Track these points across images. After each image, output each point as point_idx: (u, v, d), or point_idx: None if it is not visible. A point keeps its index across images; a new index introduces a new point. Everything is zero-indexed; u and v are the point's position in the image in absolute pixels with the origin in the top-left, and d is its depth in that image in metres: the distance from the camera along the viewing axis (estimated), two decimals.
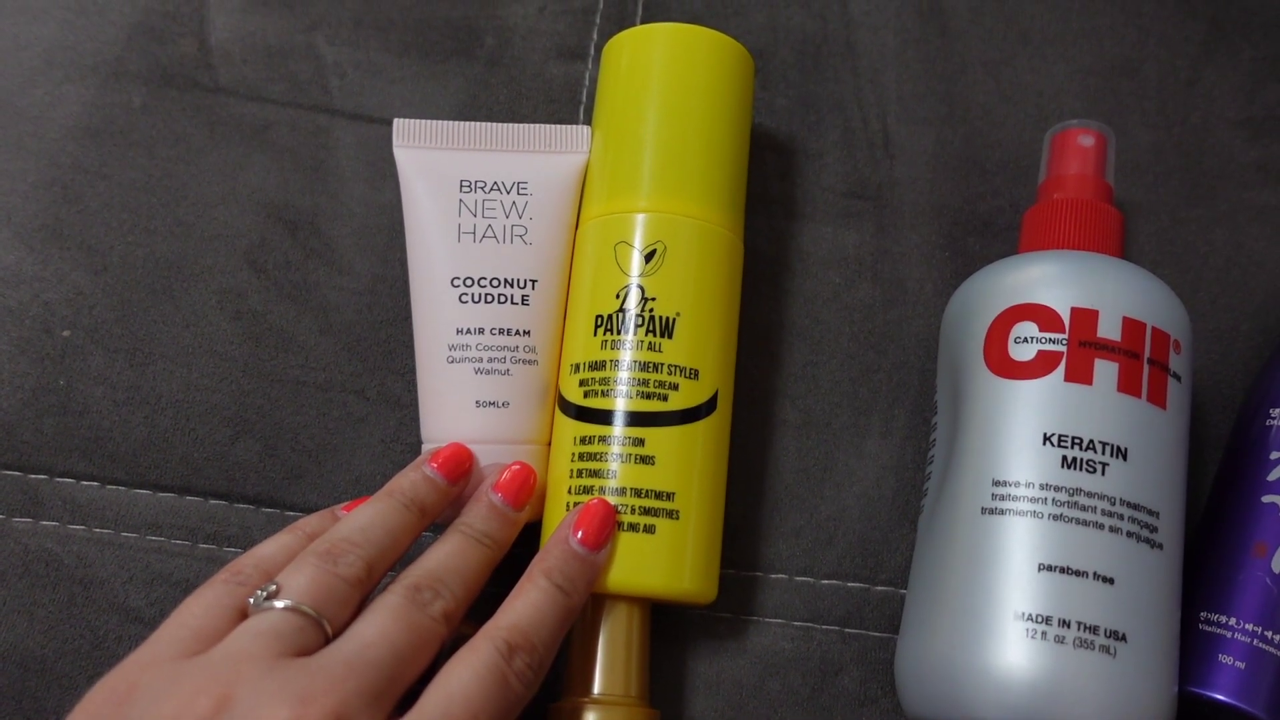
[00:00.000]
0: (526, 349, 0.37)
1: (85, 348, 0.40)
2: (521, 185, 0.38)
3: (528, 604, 0.32)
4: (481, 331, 0.37)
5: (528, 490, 0.35)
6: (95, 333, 0.41)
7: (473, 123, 0.39)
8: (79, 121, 0.43)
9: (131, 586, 0.38)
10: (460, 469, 0.35)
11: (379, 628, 0.29)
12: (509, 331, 0.37)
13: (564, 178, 0.39)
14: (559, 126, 0.39)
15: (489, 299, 0.37)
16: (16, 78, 0.44)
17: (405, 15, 0.45)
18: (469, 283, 0.37)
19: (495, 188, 0.38)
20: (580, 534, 0.33)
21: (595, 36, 0.45)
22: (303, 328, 0.41)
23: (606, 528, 0.34)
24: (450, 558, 0.33)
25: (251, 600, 0.30)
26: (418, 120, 0.39)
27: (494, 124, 0.39)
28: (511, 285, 0.37)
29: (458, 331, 0.37)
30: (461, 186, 0.38)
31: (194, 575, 0.38)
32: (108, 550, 0.38)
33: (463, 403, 0.36)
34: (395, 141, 0.39)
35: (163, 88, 0.44)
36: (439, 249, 0.38)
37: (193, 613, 0.29)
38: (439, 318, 0.37)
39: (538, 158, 0.39)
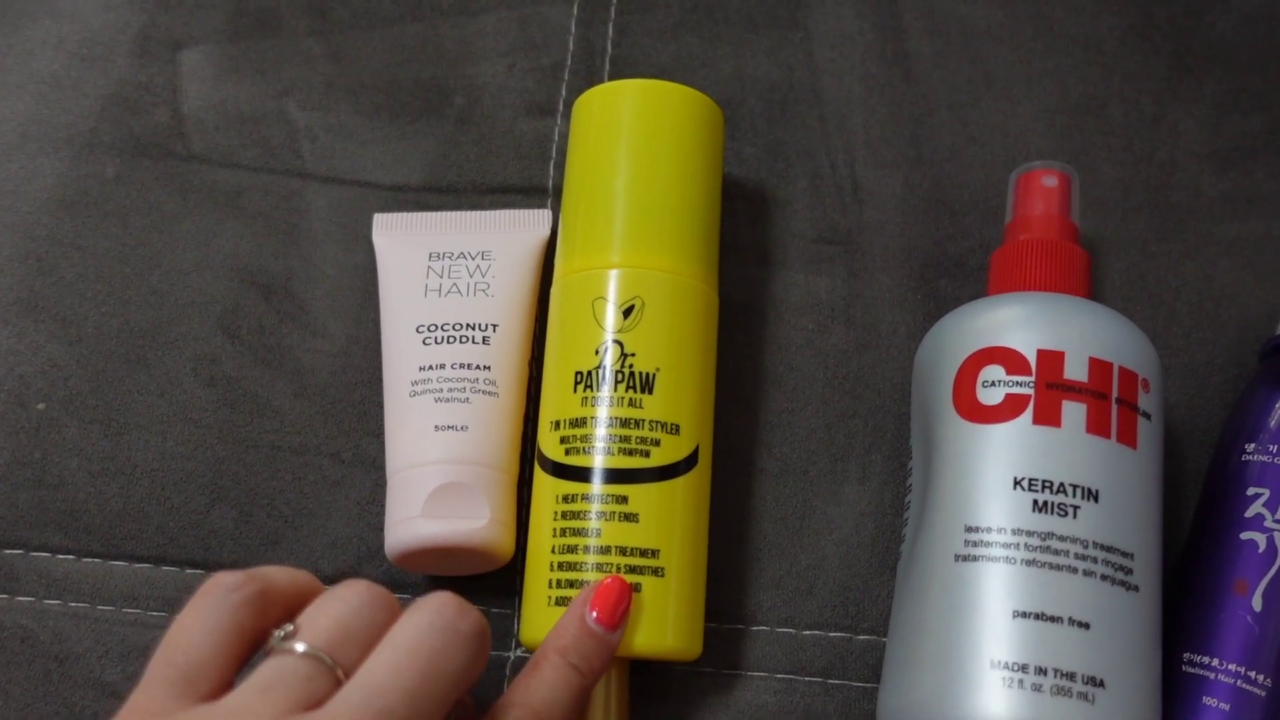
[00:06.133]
0: (487, 381, 0.38)
1: (60, 419, 0.40)
2: (486, 253, 0.40)
3: (542, 684, 0.31)
4: (443, 366, 0.38)
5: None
6: (70, 404, 0.41)
7: (447, 213, 0.42)
8: (54, 194, 0.44)
9: (108, 661, 0.37)
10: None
11: (402, 675, 0.26)
12: (470, 366, 0.38)
13: (526, 247, 0.41)
14: (524, 211, 0.42)
15: (451, 340, 0.38)
16: None
17: (375, 78, 0.46)
18: (433, 328, 0.38)
19: (462, 255, 0.40)
20: (596, 613, 0.33)
21: (564, 92, 0.46)
22: (277, 392, 0.41)
23: (622, 604, 0.33)
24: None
25: (280, 636, 0.28)
26: (397, 214, 0.42)
27: (465, 213, 0.42)
28: (473, 329, 0.38)
29: (420, 369, 0.38)
30: (430, 257, 0.40)
31: None
32: (84, 624, 0.38)
33: (423, 428, 0.37)
34: (375, 232, 0.42)
35: (136, 157, 0.44)
36: (406, 306, 0.39)
37: (189, 643, 0.27)
38: (404, 360, 0.38)
39: (502, 234, 0.41)
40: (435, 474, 0.36)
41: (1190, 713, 0.33)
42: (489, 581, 0.38)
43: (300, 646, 0.27)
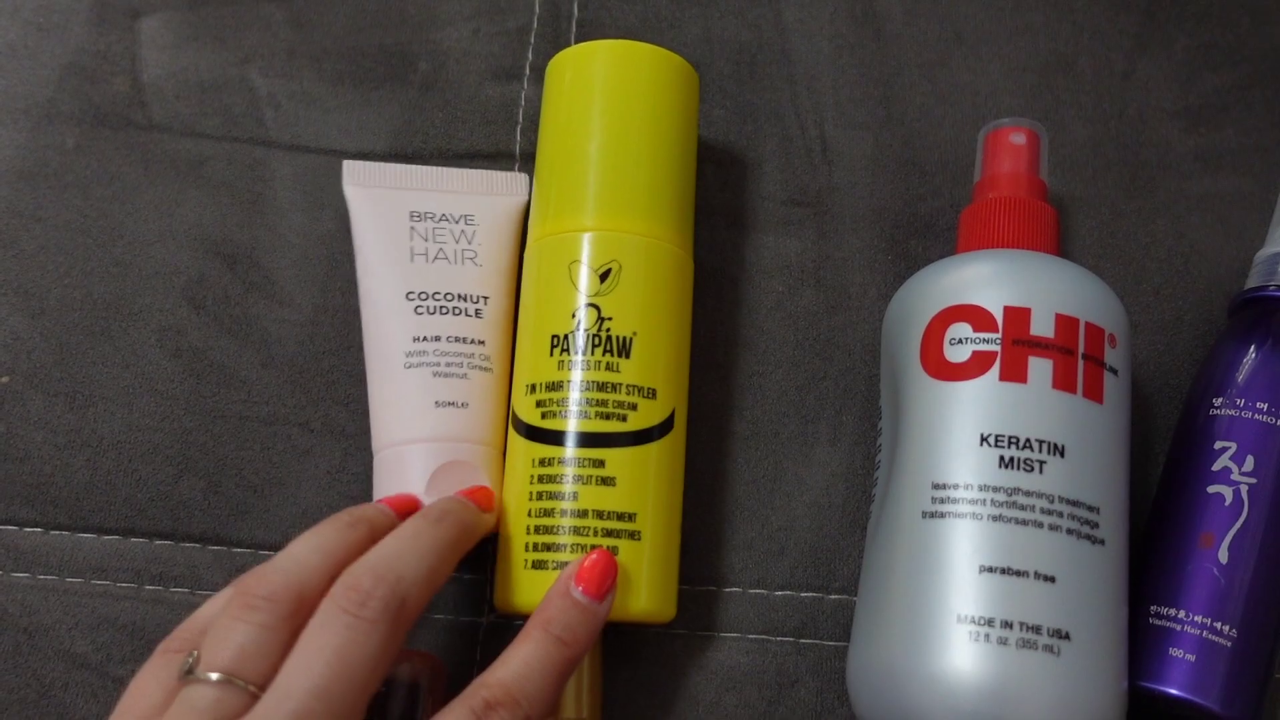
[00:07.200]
0: (482, 357, 0.37)
1: (24, 393, 0.40)
2: (468, 217, 0.40)
3: (518, 657, 0.31)
4: (438, 339, 0.37)
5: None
6: (34, 377, 0.40)
7: (418, 166, 0.41)
8: (12, 165, 0.43)
9: (77, 632, 0.37)
10: (408, 505, 0.35)
11: (311, 675, 0.27)
12: (465, 340, 0.37)
13: (507, 214, 0.40)
14: (498, 173, 0.41)
15: (444, 310, 0.38)
16: None
17: (338, 44, 0.45)
18: (424, 296, 0.38)
19: (444, 218, 0.39)
20: (582, 585, 0.32)
21: (530, 56, 0.45)
22: (244, 362, 0.41)
23: (609, 577, 0.33)
24: (399, 541, 0.31)
25: (184, 669, 0.28)
26: (366, 163, 0.41)
27: (438, 168, 0.41)
28: (465, 300, 0.38)
29: (414, 339, 0.37)
30: (411, 216, 0.39)
31: (140, 618, 0.37)
32: (52, 597, 0.38)
33: (422, 403, 0.36)
34: (345, 180, 0.40)
35: (96, 128, 0.44)
36: (392, 269, 0.39)
37: (132, 700, 0.29)
38: (395, 329, 0.38)
39: (481, 198, 0.40)
40: (435, 451, 0.36)
41: (1157, 664, 0.33)
42: None
43: (206, 674, 0.28)
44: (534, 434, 0.35)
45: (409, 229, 0.39)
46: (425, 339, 0.37)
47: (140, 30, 0.45)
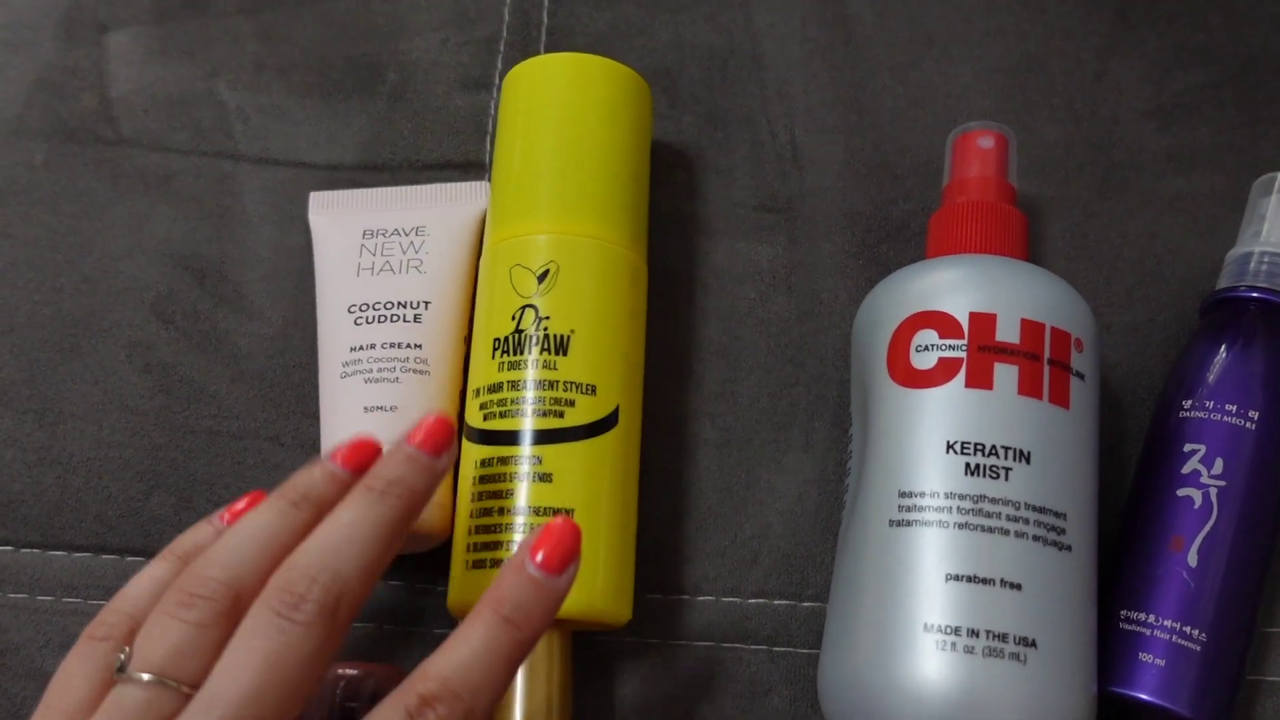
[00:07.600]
0: (418, 360, 0.38)
1: None
2: (420, 229, 0.40)
3: (461, 642, 0.28)
4: (373, 346, 0.38)
5: (447, 437, 0.31)
6: (3, 395, 0.40)
7: (383, 189, 0.41)
8: None
9: (48, 651, 0.37)
10: (365, 459, 0.32)
11: (240, 681, 0.26)
12: (400, 345, 0.38)
13: (461, 221, 0.40)
14: (458, 184, 0.41)
15: (382, 319, 0.38)
16: None
17: (306, 56, 0.45)
18: (364, 308, 0.38)
19: (396, 232, 0.40)
20: (540, 555, 0.29)
21: (500, 65, 0.45)
22: (214, 377, 0.40)
23: (571, 548, 0.29)
24: (336, 531, 0.28)
25: (116, 667, 0.28)
26: (334, 192, 0.42)
27: (402, 188, 0.41)
28: (405, 306, 0.38)
29: (351, 349, 0.38)
30: (364, 235, 0.40)
31: None
32: (23, 615, 0.38)
33: (352, 409, 0.37)
34: (311, 210, 0.41)
35: (65, 143, 0.44)
36: (339, 287, 0.39)
37: (59, 693, 0.28)
38: (336, 342, 0.38)
39: (436, 208, 0.41)
40: None
41: (1126, 669, 0.33)
42: (427, 558, 0.38)
43: (138, 674, 0.27)
44: (477, 436, 0.36)
45: (359, 246, 0.40)
46: (361, 348, 0.38)
47: (108, 45, 0.45)
